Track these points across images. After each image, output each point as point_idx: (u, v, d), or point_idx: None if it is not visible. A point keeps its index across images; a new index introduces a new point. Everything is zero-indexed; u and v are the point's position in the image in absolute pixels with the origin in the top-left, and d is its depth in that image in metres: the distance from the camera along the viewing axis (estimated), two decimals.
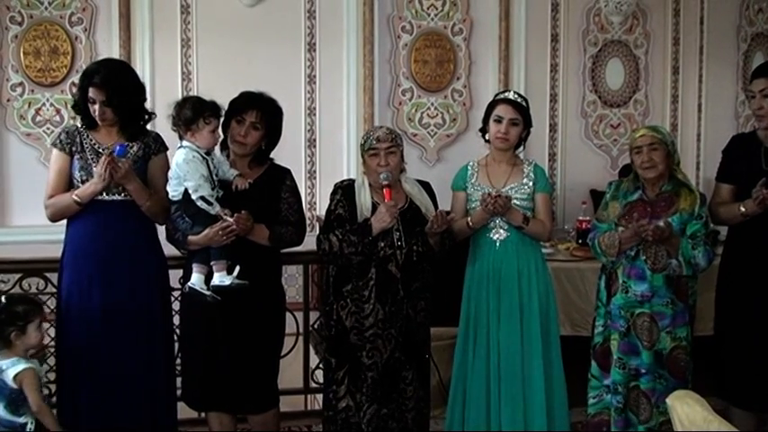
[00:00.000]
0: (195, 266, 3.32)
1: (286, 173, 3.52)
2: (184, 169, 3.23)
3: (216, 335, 3.35)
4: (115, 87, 3.24)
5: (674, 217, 3.41)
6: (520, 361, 3.51)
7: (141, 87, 3.40)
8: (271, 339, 3.49)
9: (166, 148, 3.44)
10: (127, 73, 3.40)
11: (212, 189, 3.27)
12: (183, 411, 3.63)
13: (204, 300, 3.26)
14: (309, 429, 4.25)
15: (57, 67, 5.28)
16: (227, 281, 3.24)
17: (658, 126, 3.65)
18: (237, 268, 3.25)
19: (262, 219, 3.35)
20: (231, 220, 3.23)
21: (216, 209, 3.25)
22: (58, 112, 5.30)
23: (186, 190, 3.24)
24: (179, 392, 3.56)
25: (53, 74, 5.28)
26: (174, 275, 3.60)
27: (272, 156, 3.53)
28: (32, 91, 5.27)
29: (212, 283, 3.26)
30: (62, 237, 3.38)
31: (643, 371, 3.44)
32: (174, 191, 3.29)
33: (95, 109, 3.26)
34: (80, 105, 3.32)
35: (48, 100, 5.29)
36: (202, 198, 3.23)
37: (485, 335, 3.54)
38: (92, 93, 3.24)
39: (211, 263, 3.29)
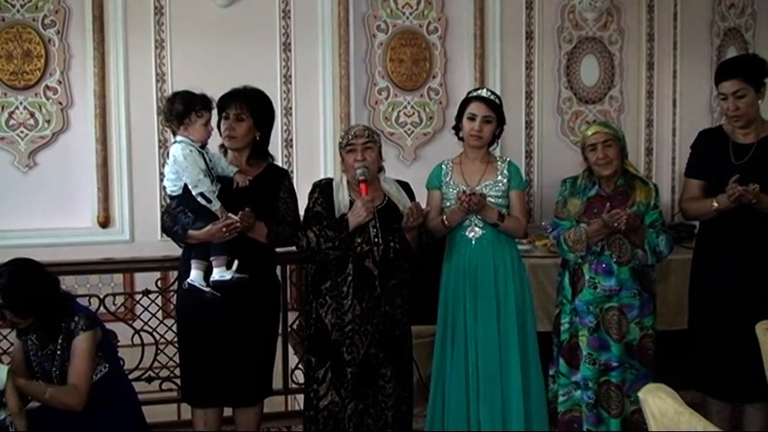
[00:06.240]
0: (194, 263, 3.35)
1: (284, 174, 3.59)
2: (183, 165, 3.25)
3: (213, 329, 3.37)
4: (20, 307, 3.14)
5: (632, 209, 3.45)
6: (497, 357, 3.52)
7: (45, 291, 3.20)
8: (267, 332, 3.52)
9: (95, 325, 3.24)
10: (26, 285, 3.16)
11: (211, 183, 3.29)
12: (160, 414, 3.62)
13: (204, 296, 3.29)
14: (289, 430, 4.24)
15: (30, 70, 5.23)
16: (228, 275, 3.28)
17: (608, 122, 3.68)
18: (236, 262, 3.28)
19: (259, 216, 3.39)
20: (236, 217, 3.25)
21: (216, 206, 3.27)
22: (32, 115, 5.26)
23: (186, 185, 3.26)
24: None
25: (26, 77, 5.24)
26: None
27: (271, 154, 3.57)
28: (5, 94, 5.23)
29: (212, 279, 3.30)
30: (33, 241, 3.32)
31: (615, 364, 3.47)
32: (173, 185, 3.31)
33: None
34: None
35: (21, 103, 5.25)
36: (202, 195, 3.25)
37: (462, 332, 3.56)
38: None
39: (211, 258, 3.32)
